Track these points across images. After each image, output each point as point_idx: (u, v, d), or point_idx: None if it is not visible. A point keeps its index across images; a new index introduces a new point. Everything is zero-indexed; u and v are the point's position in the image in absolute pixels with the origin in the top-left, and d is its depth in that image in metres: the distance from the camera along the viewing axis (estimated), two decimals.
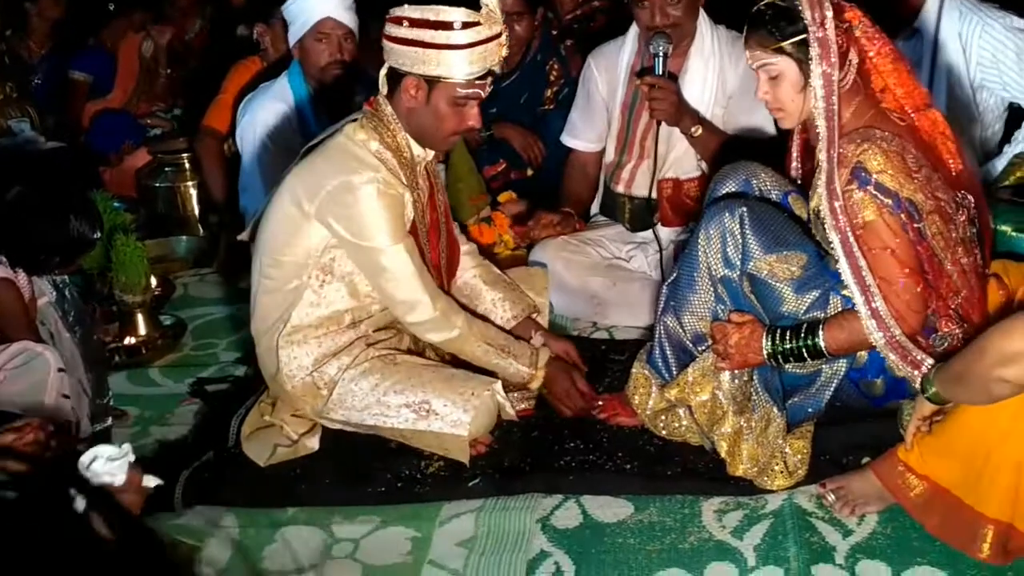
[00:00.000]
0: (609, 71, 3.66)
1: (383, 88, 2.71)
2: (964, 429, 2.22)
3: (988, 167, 3.48)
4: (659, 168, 3.52)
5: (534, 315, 3.09)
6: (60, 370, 2.63)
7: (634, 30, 3.58)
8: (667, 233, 3.58)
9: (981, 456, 2.16)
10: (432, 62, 2.57)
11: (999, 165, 3.46)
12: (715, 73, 3.49)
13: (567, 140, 3.84)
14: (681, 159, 3.54)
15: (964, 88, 3.47)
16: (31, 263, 2.75)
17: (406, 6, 2.58)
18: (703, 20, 3.49)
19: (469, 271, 3.06)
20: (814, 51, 2.39)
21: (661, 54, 3.31)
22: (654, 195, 3.55)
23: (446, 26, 2.53)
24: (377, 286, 2.75)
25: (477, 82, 2.60)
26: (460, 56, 2.55)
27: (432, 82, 2.61)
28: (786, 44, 2.42)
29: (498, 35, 2.57)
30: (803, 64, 2.42)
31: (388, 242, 2.66)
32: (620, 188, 3.70)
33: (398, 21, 2.57)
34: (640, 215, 3.66)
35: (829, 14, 2.38)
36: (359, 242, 2.67)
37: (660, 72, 3.31)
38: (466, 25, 2.53)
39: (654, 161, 3.51)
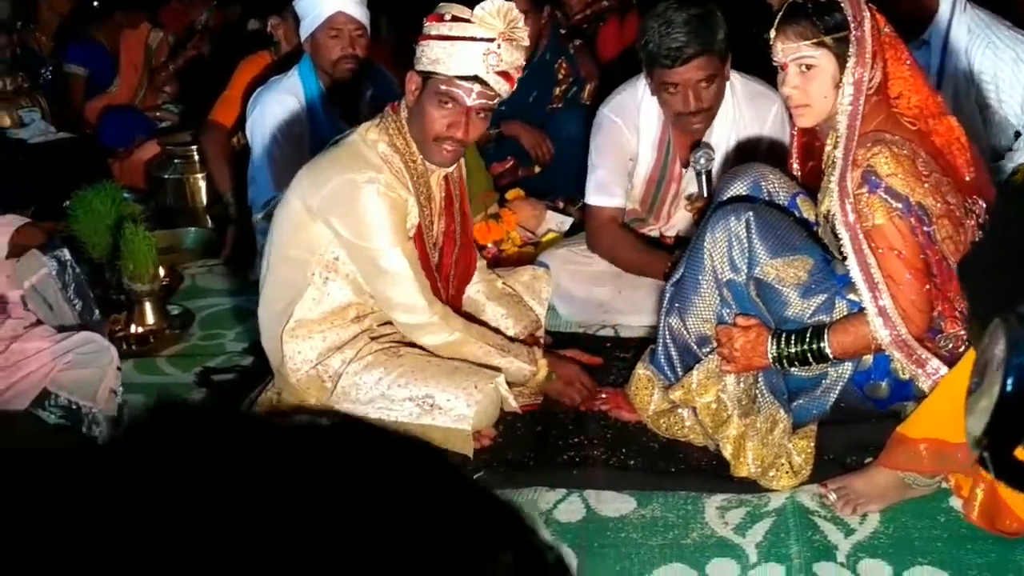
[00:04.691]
0: (636, 137, 3.47)
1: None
2: (951, 384, 2.26)
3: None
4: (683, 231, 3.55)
5: (538, 333, 3.10)
6: (118, 368, 2.68)
7: (646, 91, 3.35)
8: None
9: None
10: (426, 55, 2.60)
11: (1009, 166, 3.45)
12: (737, 137, 3.40)
13: (602, 200, 3.50)
14: None
15: (970, 102, 3.48)
16: None
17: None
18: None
19: (474, 285, 3.06)
20: (852, 49, 2.40)
21: (703, 172, 3.28)
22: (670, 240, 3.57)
23: (440, 17, 2.58)
24: (374, 288, 2.75)
25: (460, 82, 2.58)
26: (444, 47, 2.56)
27: (426, 78, 2.62)
28: (828, 38, 2.43)
29: (489, 39, 2.55)
30: (841, 60, 2.43)
31: (387, 243, 2.67)
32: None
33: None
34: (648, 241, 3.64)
35: (867, 14, 2.41)
36: (358, 241, 2.67)
37: (705, 193, 3.26)
38: (456, 19, 2.56)
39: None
